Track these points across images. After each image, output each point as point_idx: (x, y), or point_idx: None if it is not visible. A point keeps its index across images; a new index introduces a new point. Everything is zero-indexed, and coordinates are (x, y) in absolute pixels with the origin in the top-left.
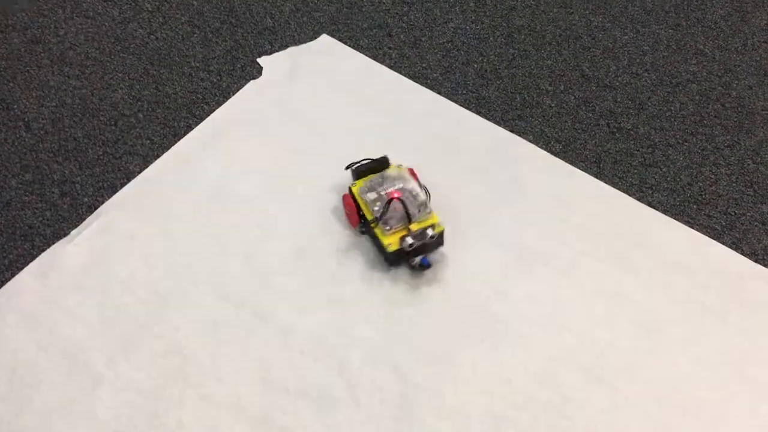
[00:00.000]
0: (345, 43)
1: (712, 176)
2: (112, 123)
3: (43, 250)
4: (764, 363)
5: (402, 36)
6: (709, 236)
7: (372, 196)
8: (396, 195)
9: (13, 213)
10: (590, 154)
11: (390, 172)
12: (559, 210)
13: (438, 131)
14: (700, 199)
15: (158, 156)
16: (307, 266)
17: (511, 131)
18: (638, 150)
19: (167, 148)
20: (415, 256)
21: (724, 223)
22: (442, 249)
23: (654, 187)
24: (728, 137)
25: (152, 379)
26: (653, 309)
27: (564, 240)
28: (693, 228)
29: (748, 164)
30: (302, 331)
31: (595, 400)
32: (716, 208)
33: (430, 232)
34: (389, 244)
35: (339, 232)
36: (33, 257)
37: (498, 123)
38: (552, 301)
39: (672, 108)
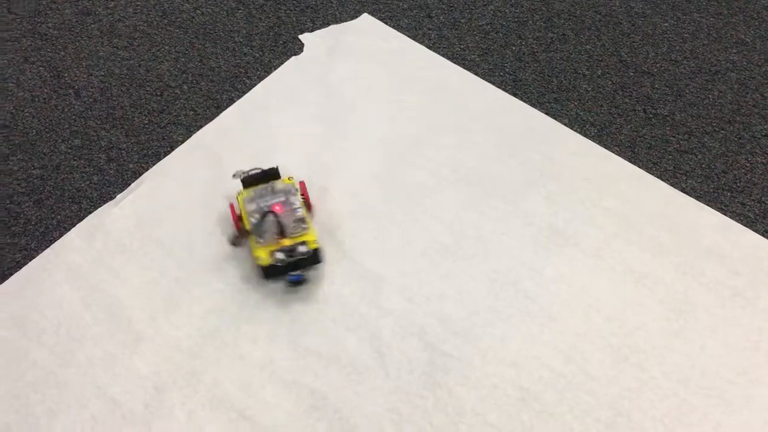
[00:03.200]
0: (385, 23)
1: (748, 164)
2: (158, 93)
3: (90, 212)
4: None
5: (441, 17)
6: (741, 224)
7: (252, 206)
8: (276, 208)
9: (62, 176)
10: (625, 139)
11: (277, 184)
12: (591, 192)
13: (474, 111)
14: (734, 186)
15: (201, 126)
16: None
17: (547, 114)
18: (674, 136)
19: (210, 119)
20: (291, 271)
21: (757, 212)
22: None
23: (688, 174)
24: (766, 126)
25: (191, 338)
26: (683, 292)
27: (596, 222)
28: (726, 215)
29: None
30: (334, 302)
31: (620, 379)
32: (750, 196)
33: (302, 249)
34: (258, 258)
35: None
36: (80, 218)
37: (534, 105)
38: (582, 281)
39: (710, 96)
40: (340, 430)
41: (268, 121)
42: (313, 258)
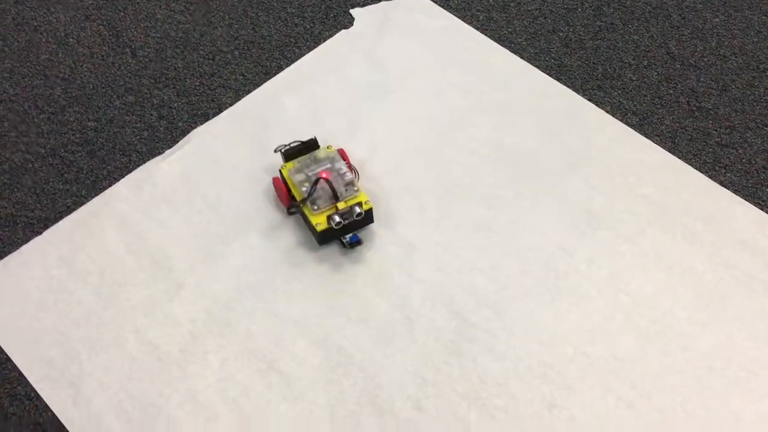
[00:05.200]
0: (435, 2)
1: None
2: (210, 57)
3: (139, 165)
4: None
5: (491, 0)
6: None
7: (300, 177)
8: (323, 175)
9: (115, 130)
10: (666, 130)
11: (319, 153)
12: (629, 179)
13: (518, 93)
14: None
15: (249, 91)
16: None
17: (590, 100)
18: (716, 130)
19: (258, 85)
20: (346, 234)
21: None
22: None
23: (728, 167)
24: None
25: (228, 291)
26: (714, 283)
27: (631, 209)
28: (764, 210)
29: None
30: (368, 268)
31: (645, 362)
32: None
33: (357, 209)
34: (318, 224)
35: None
36: (129, 170)
37: (577, 91)
38: (614, 265)
39: (756, 92)
40: (364, 388)
41: (314, 91)
42: (367, 218)
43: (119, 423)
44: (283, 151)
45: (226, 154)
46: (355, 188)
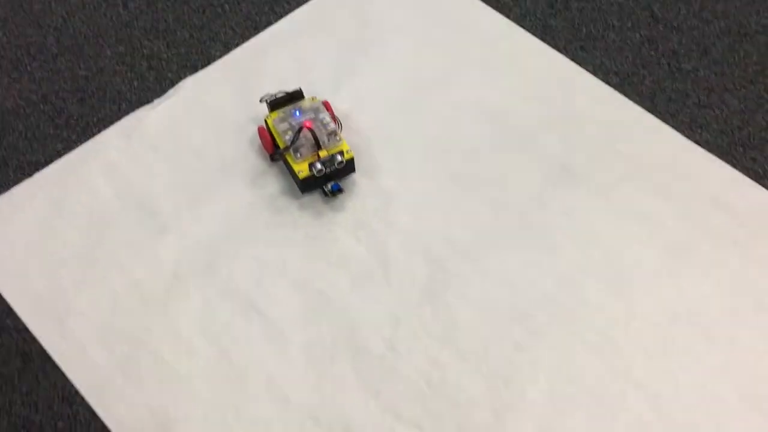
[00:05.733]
0: None
1: (764, 123)
2: (201, 10)
3: (128, 113)
4: None
5: None
6: (751, 178)
7: (284, 126)
8: (307, 125)
9: (106, 79)
10: (646, 90)
11: (303, 104)
12: (607, 137)
13: (501, 52)
14: (747, 143)
15: (238, 45)
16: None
17: (572, 60)
18: (694, 91)
19: (247, 38)
20: (327, 182)
21: (767, 168)
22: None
23: (704, 127)
24: None
25: (210, 235)
26: (684, 236)
27: (608, 165)
28: (736, 168)
29: None
30: (349, 216)
31: (611, 309)
32: (762, 153)
33: (339, 158)
34: (300, 171)
35: None
36: (118, 118)
37: (560, 51)
38: (587, 217)
39: (736, 56)
40: (340, 328)
41: (302, 45)
42: (348, 167)
43: (103, 354)
44: (268, 101)
45: (214, 105)
46: (338, 138)
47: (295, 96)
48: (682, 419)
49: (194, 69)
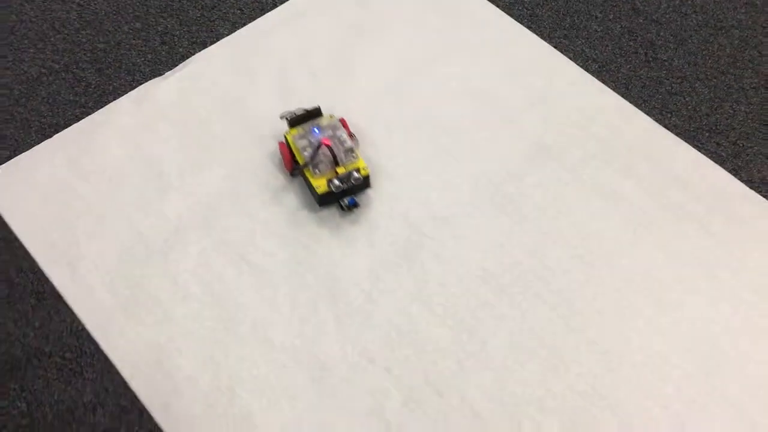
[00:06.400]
0: None
1: (731, 111)
2: None
3: (141, 84)
4: (735, 270)
5: None
6: (713, 161)
7: (303, 142)
8: (325, 142)
9: (122, 52)
10: (622, 77)
11: (322, 121)
12: (581, 119)
13: (488, 38)
14: (714, 128)
15: (244, 24)
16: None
17: (555, 47)
18: (668, 79)
19: (253, 18)
20: (344, 197)
21: (730, 152)
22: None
23: (674, 113)
24: (756, 80)
25: (210, 195)
26: (645, 210)
27: (581, 145)
28: (701, 151)
29: None
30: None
31: (572, 273)
32: (727, 138)
33: (356, 174)
34: (318, 186)
35: None
36: (132, 88)
37: (544, 38)
38: (557, 191)
39: (710, 48)
40: (324, 279)
41: (304, 27)
42: (364, 183)
43: (108, 296)
44: (288, 118)
45: (220, 80)
46: (354, 155)
47: (314, 113)
48: (627, 373)
49: (203, 45)
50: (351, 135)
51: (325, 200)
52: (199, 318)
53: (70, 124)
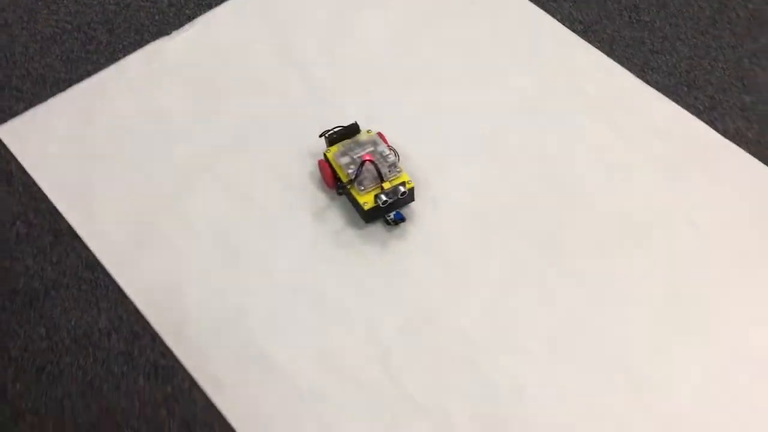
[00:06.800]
0: None
1: (709, 67)
2: None
3: (149, 43)
4: (708, 208)
5: None
6: (691, 113)
7: (345, 160)
8: (367, 158)
9: (131, 12)
10: (606, 37)
11: (361, 137)
12: (567, 76)
13: (480, 2)
14: (692, 84)
15: None
16: None
17: (543, 9)
18: (650, 39)
19: None
20: (390, 212)
21: (707, 105)
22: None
23: (655, 70)
24: (733, 40)
25: (213, 146)
26: (627, 160)
27: (566, 99)
28: (679, 105)
29: (744, 63)
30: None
31: (545, 203)
32: (704, 92)
33: (401, 188)
34: (365, 203)
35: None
36: (140, 46)
37: (534, 2)
38: (539, 138)
39: (691, 10)
40: (325, 218)
41: None
42: (410, 196)
43: (121, 233)
44: (327, 135)
45: (224, 38)
46: (398, 169)
47: (351, 129)
48: (609, 302)
49: (208, 7)
50: (391, 149)
51: (370, 216)
52: (206, 252)
53: (83, 79)
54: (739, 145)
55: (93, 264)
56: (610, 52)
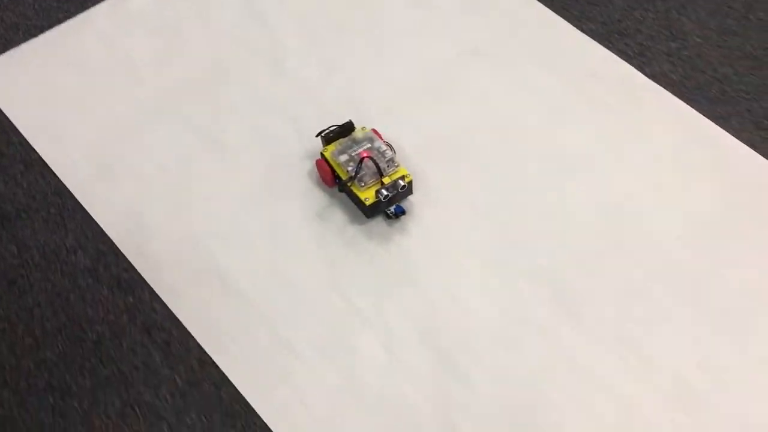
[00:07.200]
0: None
1: (640, 18)
2: None
3: None
4: (635, 142)
5: None
6: (622, 59)
7: (344, 158)
8: (365, 155)
9: None
10: None
11: (357, 134)
12: (511, 26)
13: None
14: (624, 32)
15: None
16: None
17: None
18: None
19: None
20: (390, 206)
21: (636, 51)
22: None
23: (591, 19)
24: None
25: (177, 83)
26: (564, 101)
27: (510, 47)
28: (611, 51)
29: (673, 14)
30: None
31: (495, 146)
32: (634, 40)
33: (401, 182)
34: (366, 198)
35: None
36: None
37: None
38: (487, 84)
39: None
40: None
41: None
42: (408, 190)
43: (88, 164)
44: (323, 135)
45: None
46: (396, 164)
47: (347, 127)
48: (561, 216)
49: None
50: (388, 144)
51: (372, 211)
52: (167, 182)
53: (54, 26)
54: (664, 87)
55: (61, 190)
56: (550, 4)
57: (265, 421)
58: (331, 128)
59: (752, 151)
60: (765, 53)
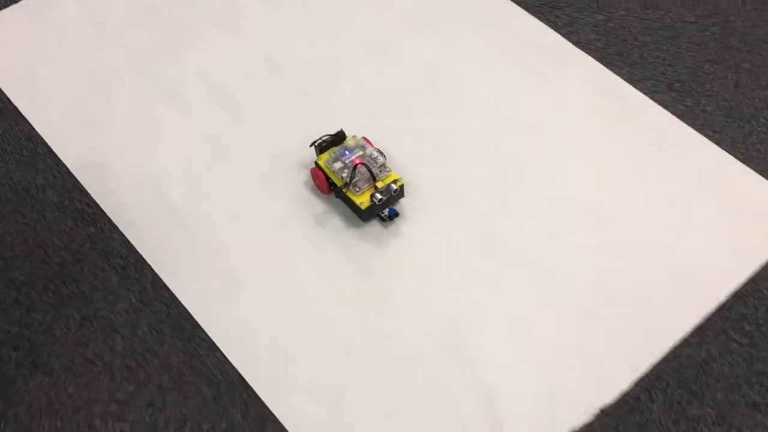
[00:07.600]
0: None
1: None
2: None
3: None
4: (559, 104)
5: None
6: (551, 27)
7: (338, 165)
8: (358, 161)
9: None
10: None
11: (348, 142)
12: (444, 4)
13: None
14: (554, 4)
15: None
16: None
17: None
18: None
19: None
20: (384, 209)
21: (565, 21)
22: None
23: None
24: None
25: (147, 49)
26: (493, 64)
27: (453, 21)
28: (542, 22)
29: None
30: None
31: (435, 107)
32: (564, 12)
33: (393, 186)
34: (362, 203)
35: None
36: None
37: None
38: (431, 53)
39: None
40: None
41: None
42: (400, 193)
43: (59, 115)
44: (317, 144)
45: None
46: (387, 169)
47: (339, 136)
48: (495, 155)
49: None
50: (378, 151)
51: (369, 214)
52: (133, 130)
53: None
54: (588, 53)
55: (34, 137)
56: None
57: (209, 335)
58: (324, 138)
59: (663, 109)
60: (683, 25)
